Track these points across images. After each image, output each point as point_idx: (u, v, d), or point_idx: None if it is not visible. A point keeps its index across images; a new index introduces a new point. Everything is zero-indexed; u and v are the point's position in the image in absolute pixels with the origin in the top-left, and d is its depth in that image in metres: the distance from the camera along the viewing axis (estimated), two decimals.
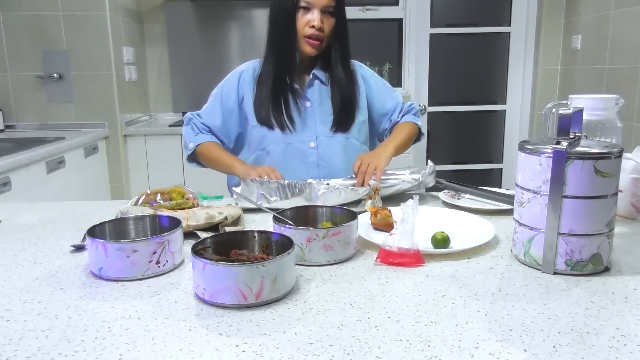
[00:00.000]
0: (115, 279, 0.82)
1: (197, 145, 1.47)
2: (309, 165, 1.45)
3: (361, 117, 1.50)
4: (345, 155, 1.47)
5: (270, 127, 1.44)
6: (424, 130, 1.63)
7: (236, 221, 1.05)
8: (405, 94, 3.62)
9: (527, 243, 0.85)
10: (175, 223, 0.91)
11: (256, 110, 1.45)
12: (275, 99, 1.43)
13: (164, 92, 3.55)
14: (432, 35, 3.60)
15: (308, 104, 1.47)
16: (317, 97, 1.47)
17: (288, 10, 1.38)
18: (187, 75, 3.49)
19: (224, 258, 0.80)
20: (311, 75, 1.48)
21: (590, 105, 1.04)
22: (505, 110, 3.77)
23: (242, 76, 1.50)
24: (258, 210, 1.18)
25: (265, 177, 1.25)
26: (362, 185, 1.28)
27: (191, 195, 1.19)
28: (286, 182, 1.22)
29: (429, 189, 1.34)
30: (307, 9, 1.38)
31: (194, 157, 1.51)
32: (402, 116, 1.56)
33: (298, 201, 1.20)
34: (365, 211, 1.12)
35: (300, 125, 1.45)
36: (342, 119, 1.46)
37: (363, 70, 1.57)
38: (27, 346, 0.63)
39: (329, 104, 1.47)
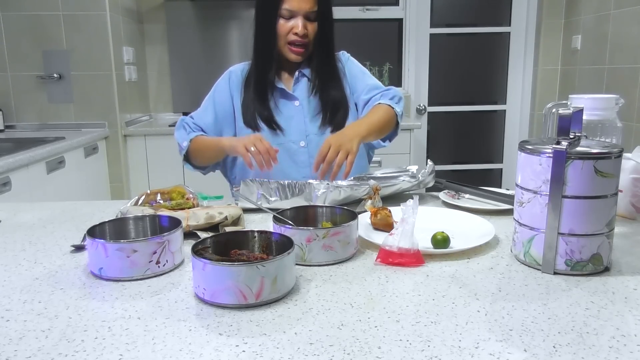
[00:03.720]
0: (115, 279, 0.82)
1: (190, 142, 1.44)
2: (300, 164, 1.44)
3: (352, 113, 1.49)
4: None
5: (258, 128, 1.42)
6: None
7: (236, 221, 1.05)
8: (405, 93, 3.62)
9: (527, 243, 0.85)
10: (175, 223, 0.91)
11: (243, 113, 1.45)
12: (261, 101, 1.42)
13: (164, 92, 3.55)
14: (432, 35, 3.60)
15: (296, 103, 1.46)
16: (304, 96, 1.46)
17: (269, 17, 1.37)
18: (187, 75, 3.49)
19: (224, 258, 0.80)
20: (297, 73, 1.46)
21: (590, 105, 1.04)
22: (505, 110, 3.77)
23: (231, 77, 1.49)
24: (258, 210, 1.18)
25: (252, 147, 1.22)
26: (323, 176, 1.21)
27: (191, 195, 1.19)
28: (286, 182, 1.22)
29: (429, 189, 1.34)
30: (289, 16, 1.36)
31: (188, 158, 1.48)
32: (376, 97, 1.45)
33: (298, 201, 1.20)
34: (365, 211, 1.12)
35: (289, 125, 1.44)
36: (333, 119, 1.45)
37: (352, 65, 1.54)
38: (27, 346, 0.63)
39: (317, 101, 1.46)
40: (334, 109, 1.45)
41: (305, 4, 1.34)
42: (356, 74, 1.52)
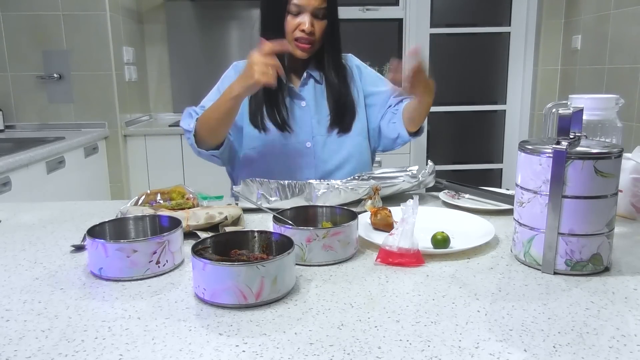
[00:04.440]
0: (115, 279, 0.82)
1: (196, 121, 1.32)
2: (305, 165, 1.44)
3: (360, 113, 1.49)
4: (343, 153, 1.46)
5: (265, 129, 1.41)
6: (426, 125, 1.54)
7: (236, 221, 1.05)
8: None
9: (527, 243, 0.85)
10: (175, 223, 0.91)
11: (251, 112, 1.43)
12: (270, 101, 1.41)
13: (164, 92, 3.55)
14: (432, 35, 3.60)
15: (303, 103, 1.45)
16: (312, 96, 1.46)
17: (277, 13, 1.35)
18: (187, 75, 3.50)
19: (224, 258, 0.80)
20: (305, 74, 1.46)
21: (590, 105, 1.04)
22: (505, 110, 3.77)
23: (237, 71, 1.47)
24: (258, 210, 1.18)
25: (265, 70, 1.15)
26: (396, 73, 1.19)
27: (191, 195, 1.19)
28: (286, 182, 1.22)
29: (429, 189, 1.34)
30: (297, 12, 1.34)
31: (198, 142, 1.35)
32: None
33: (298, 201, 1.20)
34: (365, 211, 1.12)
35: (295, 126, 1.44)
36: (342, 121, 1.44)
37: (356, 61, 1.54)
38: (27, 346, 0.63)
39: (325, 102, 1.46)
40: (342, 110, 1.45)
41: (314, 0, 1.33)
42: (374, 80, 1.53)
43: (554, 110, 1.17)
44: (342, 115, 1.45)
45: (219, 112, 1.28)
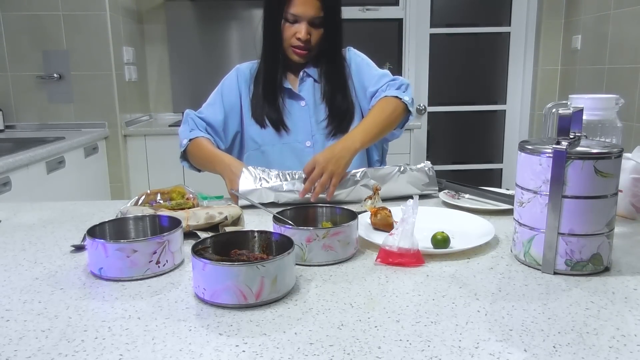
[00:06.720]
0: (115, 279, 0.82)
1: (190, 141, 1.43)
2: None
3: (357, 115, 1.49)
4: None
5: (264, 126, 1.45)
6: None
7: (236, 221, 1.05)
8: None
9: (527, 243, 0.85)
10: (175, 223, 0.91)
11: (252, 109, 1.46)
12: (269, 102, 1.43)
13: (164, 92, 3.55)
14: (432, 35, 3.60)
15: (302, 103, 1.46)
16: (311, 96, 1.47)
17: (275, 20, 1.38)
18: (187, 75, 3.50)
19: (224, 258, 0.80)
20: (302, 73, 1.47)
21: (590, 105, 1.04)
22: (505, 110, 3.77)
23: (239, 74, 1.50)
24: (258, 210, 1.18)
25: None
26: (304, 195, 1.19)
27: (191, 195, 1.19)
28: (287, 171, 1.25)
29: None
30: (294, 20, 1.36)
31: (186, 156, 1.47)
32: (382, 88, 1.44)
33: (298, 185, 1.21)
34: (365, 211, 1.12)
35: (295, 125, 1.45)
36: (339, 124, 1.45)
37: (358, 59, 1.53)
38: (27, 346, 0.63)
39: (325, 108, 1.46)
40: (340, 117, 1.45)
41: (310, 9, 1.34)
42: (362, 68, 1.51)
43: (554, 110, 1.17)
44: (338, 118, 1.46)
45: (205, 163, 1.40)
